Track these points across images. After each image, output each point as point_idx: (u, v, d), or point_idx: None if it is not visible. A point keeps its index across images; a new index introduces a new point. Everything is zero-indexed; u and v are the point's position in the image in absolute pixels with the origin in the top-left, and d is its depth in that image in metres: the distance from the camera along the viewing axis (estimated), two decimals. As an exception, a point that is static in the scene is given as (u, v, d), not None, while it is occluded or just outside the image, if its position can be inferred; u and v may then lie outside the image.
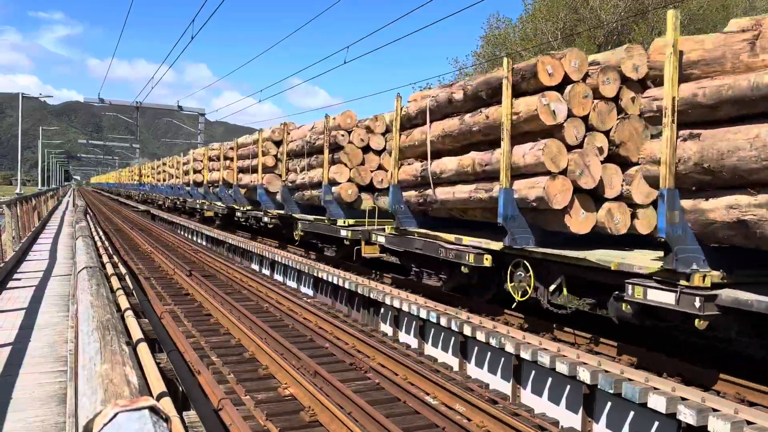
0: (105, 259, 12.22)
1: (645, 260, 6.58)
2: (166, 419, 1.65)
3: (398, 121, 10.84)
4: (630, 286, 6.20)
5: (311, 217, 14.92)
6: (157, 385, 4.08)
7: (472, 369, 8.79)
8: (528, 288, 7.85)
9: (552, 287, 7.71)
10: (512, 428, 6.31)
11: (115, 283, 9.07)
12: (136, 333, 5.72)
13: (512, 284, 8.13)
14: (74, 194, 59.34)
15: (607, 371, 6.36)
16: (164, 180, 38.10)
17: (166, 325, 10.61)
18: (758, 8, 25.05)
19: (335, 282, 12.71)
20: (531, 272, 7.83)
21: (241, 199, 20.51)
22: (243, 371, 8.38)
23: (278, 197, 16.99)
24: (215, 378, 7.90)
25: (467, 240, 8.91)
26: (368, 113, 16.42)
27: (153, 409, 1.63)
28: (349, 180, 13.81)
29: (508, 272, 8.20)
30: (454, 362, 9.12)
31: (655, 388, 5.82)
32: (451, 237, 9.23)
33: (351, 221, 13.39)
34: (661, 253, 6.19)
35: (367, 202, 13.79)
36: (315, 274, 13.82)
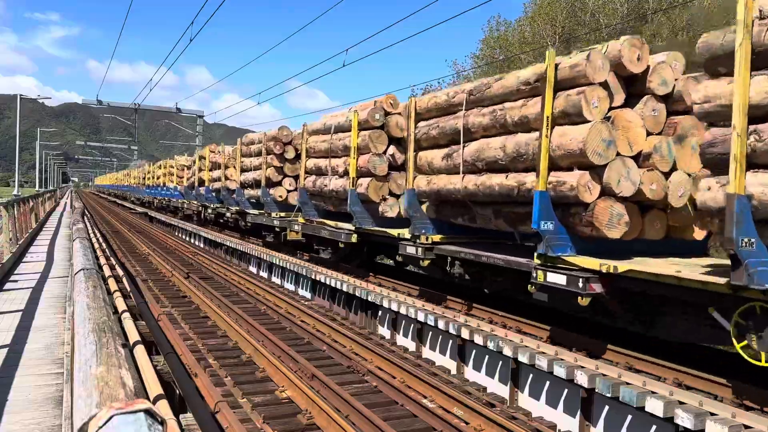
0: (102, 261, 12.17)
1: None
2: (162, 422, 1.64)
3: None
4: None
5: (256, 211, 18.57)
6: (154, 387, 4.06)
7: (469, 372, 8.78)
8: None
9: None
10: (510, 432, 6.30)
11: (112, 285, 9.03)
12: (133, 335, 5.70)
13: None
14: (72, 196, 59.30)
15: (605, 375, 6.36)
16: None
17: (164, 327, 10.59)
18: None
19: (333, 285, 12.70)
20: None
21: (212, 198, 23.95)
22: (240, 374, 8.36)
23: (235, 196, 20.64)
24: (212, 380, 7.88)
25: (341, 225, 12.15)
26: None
27: (149, 412, 1.62)
28: (280, 183, 17.47)
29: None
30: (451, 365, 9.11)
31: (653, 392, 5.82)
32: (332, 223, 12.60)
33: (282, 214, 16.73)
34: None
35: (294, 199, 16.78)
36: (313, 277, 13.80)
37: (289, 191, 17.20)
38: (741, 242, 4.95)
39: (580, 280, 6.64)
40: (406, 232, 10.13)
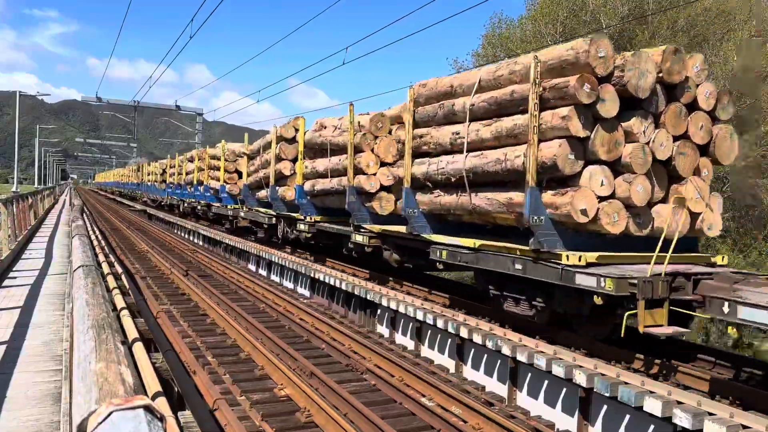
0: (101, 258, 12.16)
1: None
2: (161, 418, 1.64)
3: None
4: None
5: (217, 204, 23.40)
6: (153, 384, 4.05)
7: (468, 371, 8.78)
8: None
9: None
10: (508, 430, 6.30)
11: (111, 282, 9.02)
12: (132, 332, 5.69)
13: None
14: (71, 193, 59.21)
15: (603, 374, 6.36)
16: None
17: (162, 324, 10.59)
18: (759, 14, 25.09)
19: (332, 283, 12.70)
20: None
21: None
22: (239, 371, 8.36)
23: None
24: (211, 378, 7.88)
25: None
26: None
27: (148, 408, 1.62)
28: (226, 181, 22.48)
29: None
30: (450, 364, 9.11)
31: (651, 392, 5.82)
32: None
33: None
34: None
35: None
36: (312, 275, 13.80)
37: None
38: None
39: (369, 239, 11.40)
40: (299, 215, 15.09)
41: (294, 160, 15.48)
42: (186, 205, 29.33)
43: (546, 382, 7.29)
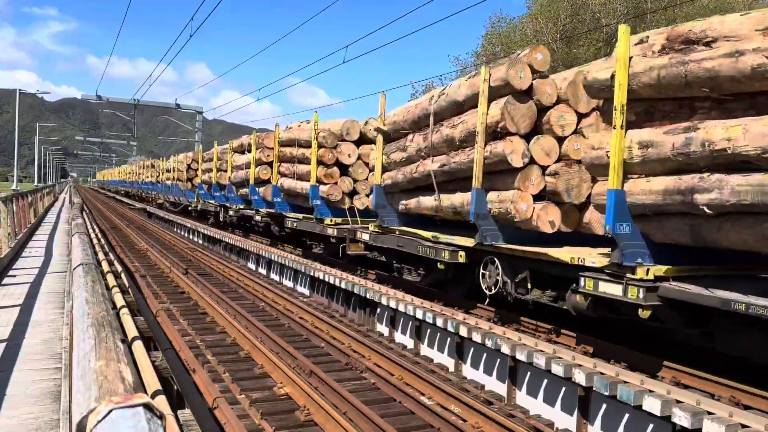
0: (101, 256, 12.16)
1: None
2: (161, 417, 1.64)
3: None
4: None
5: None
6: (152, 382, 4.06)
7: (467, 370, 8.79)
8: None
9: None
10: (507, 429, 6.31)
11: (111, 280, 9.02)
12: (132, 330, 5.70)
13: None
14: (71, 192, 59.17)
15: (602, 373, 6.36)
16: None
17: (162, 323, 10.59)
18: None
19: (331, 282, 12.70)
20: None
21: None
22: (238, 370, 8.36)
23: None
24: (210, 377, 7.88)
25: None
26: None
27: (147, 407, 1.62)
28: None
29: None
30: (449, 363, 9.11)
31: (651, 391, 5.82)
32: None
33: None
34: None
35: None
36: (311, 274, 13.80)
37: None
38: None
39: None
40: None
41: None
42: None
43: (545, 381, 7.30)
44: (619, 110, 6.18)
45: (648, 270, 6.21)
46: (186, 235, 28.23)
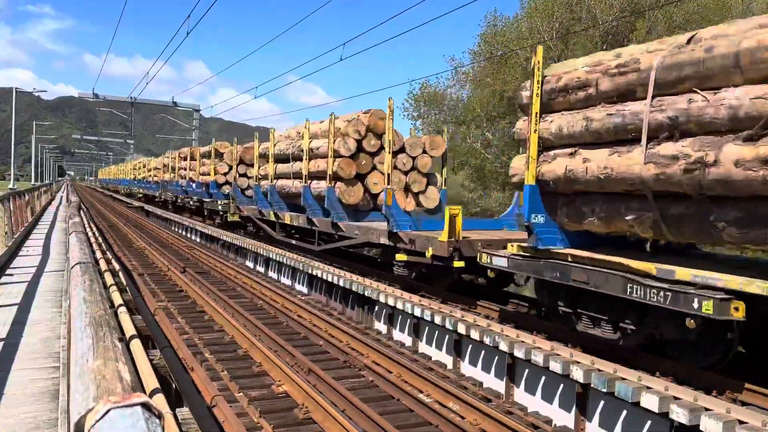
0: (98, 255, 12.13)
1: None
2: (159, 416, 1.64)
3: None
4: None
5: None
6: (150, 381, 4.06)
7: (466, 367, 8.80)
8: None
9: None
10: (506, 426, 6.32)
11: (109, 279, 9.00)
12: (130, 329, 5.69)
13: None
14: (68, 190, 59.06)
15: (600, 370, 6.38)
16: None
17: (160, 321, 10.58)
18: (755, 10, 25.11)
19: (330, 279, 12.70)
20: None
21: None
22: (237, 368, 8.37)
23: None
24: (209, 375, 7.89)
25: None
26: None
27: (146, 406, 1.62)
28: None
29: None
30: (448, 360, 9.13)
31: (648, 387, 5.84)
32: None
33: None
34: None
35: None
36: (309, 272, 13.80)
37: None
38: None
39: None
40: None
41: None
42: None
43: (543, 378, 7.31)
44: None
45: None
46: (183, 233, 28.19)
